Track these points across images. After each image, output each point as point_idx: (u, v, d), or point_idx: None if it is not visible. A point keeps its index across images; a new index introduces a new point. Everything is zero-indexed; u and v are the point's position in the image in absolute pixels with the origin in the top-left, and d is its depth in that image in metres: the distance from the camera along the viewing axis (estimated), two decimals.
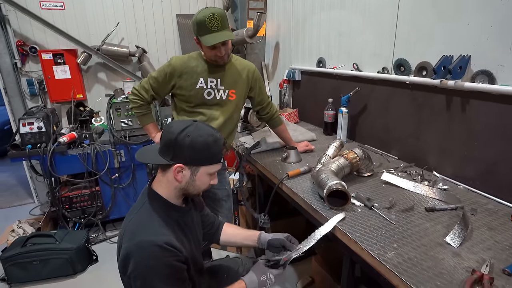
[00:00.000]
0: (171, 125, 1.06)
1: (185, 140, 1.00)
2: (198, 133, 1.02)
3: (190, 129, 1.02)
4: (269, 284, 1.16)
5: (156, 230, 1.00)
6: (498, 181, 1.40)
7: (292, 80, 2.98)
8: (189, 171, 1.04)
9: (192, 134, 1.01)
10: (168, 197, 1.09)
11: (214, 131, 1.08)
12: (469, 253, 1.05)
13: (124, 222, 1.10)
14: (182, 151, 1.01)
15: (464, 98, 1.49)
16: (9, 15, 3.02)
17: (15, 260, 2.24)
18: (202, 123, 1.08)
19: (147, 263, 0.95)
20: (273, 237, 1.31)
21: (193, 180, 1.06)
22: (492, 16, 1.34)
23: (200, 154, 1.03)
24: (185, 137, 1.00)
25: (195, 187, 1.09)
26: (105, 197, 2.81)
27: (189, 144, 1.01)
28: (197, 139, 1.01)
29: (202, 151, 1.03)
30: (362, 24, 2.09)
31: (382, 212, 1.29)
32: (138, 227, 1.01)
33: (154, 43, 3.61)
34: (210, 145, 1.04)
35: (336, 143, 1.77)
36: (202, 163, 1.05)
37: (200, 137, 1.02)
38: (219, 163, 1.10)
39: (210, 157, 1.06)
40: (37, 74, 3.24)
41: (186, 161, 1.03)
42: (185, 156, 1.02)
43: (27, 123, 2.49)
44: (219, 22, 1.52)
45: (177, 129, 1.02)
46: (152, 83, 1.72)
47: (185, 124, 1.04)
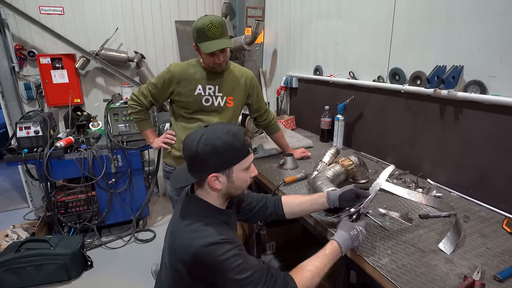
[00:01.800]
0: (186, 142, 1.03)
1: (205, 150, 0.98)
2: (214, 137, 0.99)
3: (205, 137, 0.99)
4: (362, 237, 1.11)
5: (209, 232, 0.98)
6: (490, 189, 1.42)
7: (289, 87, 3.02)
8: (224, 176, 1.02)
9: (209, 140, 0.98)
10: (214, 203, 1.08)
11: (229, 126, 1.05)
12: (462, 260, 1.07)
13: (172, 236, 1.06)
14: (208, 161, 0.99)
15: (457, 107, 1.53)
16: (8, 19, 3.04)
17: (8, 266, 2.21)
18: (213, 125, 1.06)
19: (217, 262, 0.93)
20: (343, 191, 1.24)
21: (232, 183, 1.04)
22: (483, 29, 1.38)
23: (226, 155, 1.00)
24: (204, 147, 0.98)
25: (237, 188, 1.07)
26: (101, 202, 2.80)
27: (211, 151, 0.98)
28: (216, 143, 0.98)
29: (227, 151, 1.00)
30: (358, 34, 2.13)
31: (377, 219, 1.31)
32: (191, 236, 0.98)
33: (152, 48, 3.64)
34: (231, 142, 1.00)
35: (332, 150, 1.80)
36: (233, 163, 1.02)
37: (218, 140, 0.98)
38: (249, 154, 1.06)
39: (237, 154, 1.02)
40: (35, 78, 3.25)
41: (217, 168, 1.00)
42: (213, 164, 1.00)
43: (24, 127, 2.48)
44: (218, 29, 1.55)
45: (193, 142, 1.00)
46: (151, 89, 1.73)
47: (198, 134, 1.01)
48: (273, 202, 1.34)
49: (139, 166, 2.83)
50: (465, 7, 1.45)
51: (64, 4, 3.20)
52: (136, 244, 2.81)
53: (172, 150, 1.79)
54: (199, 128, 1.05)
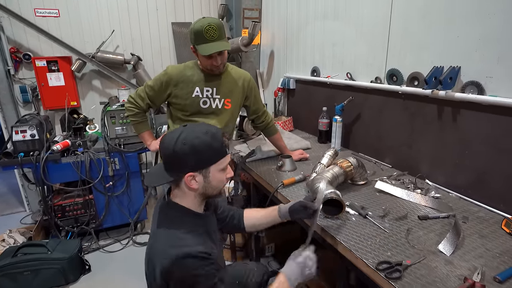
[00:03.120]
0: (163, 140, 1.04)
1: (183, 149, 0.98)
2: (193, 136, 0.99)
3: (183, 135, 0.99)
4: (311, 262, 1.12)
5: (188, 241, 0.98)
6: (489, 190, 1.43)
7: (286, 89, 3.02)
8: (200, 176, 1.02)
9: (187, 139, 0.98)
10: (190, 207, 1.07)
11: (208, 126, 1.05)
12: (461, 261, 1.07)
13: (151, 241, 1.06)
14: (185, 160, 0.99)
15: (454, 108, 1.53)
16: (2, 22, 3.02)
17: (5, 271, 2.19)
18: (192, 125, 1.06)
19: (190, 275, 0.94)
20: (292, 204, 1.26)
21: (208, 183, 1.04)
22: (480, 29, 1.39)
23: (203, 155, 1.00)
24: (182, 146, 0.98)
25: (213, 188, 1.07)
26: (98, 205, 2.78)
27: (189, 150, 0.98)
28: (194, 142, 0.98)
29: (204, 151, 0.99)
30: (355, 35, 2.13)
31: (376, 221, 1.31)
32: (170, 242, 0.98)
33: (149, 51, 3.63)
34: (209, 142, 1.00)
35: (331, 152, 1.79)
36: (210, 162, 1.02)
37: (196, 139, 0.99)
38: (226, 155, 1.06)
39: (214, 154, 1.02)
40: (31, 81, 3.23)
41: (193, 168, 1.00)
42: (190, 163, 0.99)
43: (20, 131, 2.46)
44: (216, 32, 1.54)
45: (171, 140, 1.00)
46: (148, 91, 1.73)
47: (177, 133, 1.01)
48: (238, 215, 1.38)
49: (136, 169, 2.81)
50: (462, 8, 1.45)
51: (59, 6, 3.18)
52: (134, 247, 2.79)
53: None
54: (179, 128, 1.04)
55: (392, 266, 1.03)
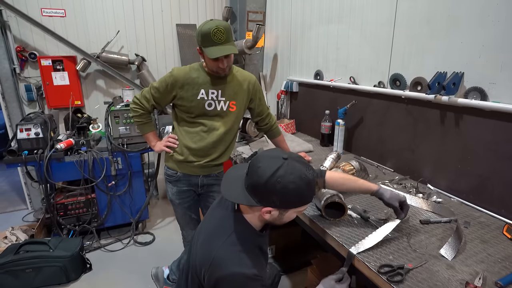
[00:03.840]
0: (259, 165, 0.99)
1: (276, 186, 0.95)
2: (290, 179, 0.95)
3: (280, 173, 0.95)
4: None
5: (246, 261, 1.00)
6: (491, 195, 1.43)
7: (289, 92, 3.03)
8: (277, 212, 1.01)
9: (283, 180, 0.95)
10: (254, 225, 1.09)
11: (307, 171, 1.00)
12: (463, 266, 1.07)
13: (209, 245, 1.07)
14: (271, 197, 0.97)
15: (457, 113, 1.54)
16: (9, 21, 3.05)
17: (7, 268, 2.20)
18: (293, 161, 1.00)
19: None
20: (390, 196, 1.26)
21: (280, 219, 1.05)
22: (483, 36, 1.40)
23: (290, 199, 0.98)
24: (275, 183, 0.94)
25: (282, 221, 1.08)
26: (100, 204, 2.79)
27: (280, 190, 0.95)
28: (289, 186, 0.95)
29: (294, 196, 0.98)
30: (359, 39, 2.15)
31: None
32: (229, 258, 1.01)
33: (153, 51, 3.65)
34: (302, 190, 0.98)
35: (333, 155, 1.80)
36: (292, 207, 1.02)
37: (291, 184, 0.95)
38: (310, 202, 1.06)
39: (300, 201, 1.02)
40: (36, 80, 3.25)
41: (276, 206, 0.99)
42: (275, 201, 0.98)
43: (25, 129, 2.48)
44: (223, 35, 1.55)
45: (267, 172, 0.96)
46: (153, 93, 1.74)
47: (276, 165, 0.96)
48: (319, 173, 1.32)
49: (139, 168, 2.83)
50: (466, 14, 1.46)
51: (66, 6, 3.21)
52: (135, 247, 2.80)
53: (174, 154, 1.79)
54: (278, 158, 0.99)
55: (394, 270, 1.04)
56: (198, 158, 1.76)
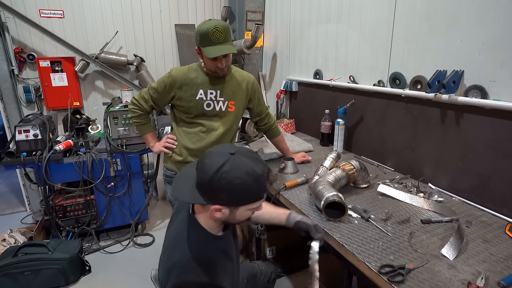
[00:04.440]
0: (205, 161, 0.94)
1: (221, 183, 0.89)
2: (234, 174, 0.89)
3: (225, 168, 0.89)
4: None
5: (197, 270, 0.96)
6: (492, 194, 1.42)
7: (289, 91, 3.02)
8: (227, 210, 0.96)
9: (228, 175, 0.89)
10: (210, 228, 1.04)
11: (255, 166, 0.93)
12: (465, 266, 1.06)
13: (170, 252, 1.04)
14: (218, 194, 0.92)
15: (458, 112, 1.53)
16: (8, 23, 3.04)
17: (5, 271, 2.18)
18: (240, 156, 0.93)
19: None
20: (301, 220, 1.26)
21: (233, 217, 0.99)
22: (483, 34, 1.39)
23: (238, 196, 0.93)
24: (220, 180, 0.89)
25: (236, 220, 1.02)
26: (99, 206, 2.78)
27: (226, 186, 0.90)
28: (234, 182, 0.89)
29: (241, 192, 0.92)
30: (358, 38, 2.14)
31: (379, 224, 1.30)
32: (185, 264, 0.97)
33: (152, 52, 3.64)
34: (249, 186, 0.92)
35: (333, 155, 1.79)
36: (241, 204, 0.96)
37: (237, 179, 0.89)
38: (262, 199, 0.99)
39: (249, 197, 0.96)
40: (34, 81, 3.24)
41: (224, 203, 0.94)
42: (222, 199, 0.93)
43: (23, 131, 2.47)
44: (222, 35, 1.54)
45: (212, 167, 0.90)
46: (152, 93, 1.73)
47: (221, 160, 0.91)
48: None
49: (138, 169, 2.81)
50: (465, 12, 1.45)
51: (64, 7, 3.20)
52: (134, 248, 2.79)
53: (173, 155, 1.78)
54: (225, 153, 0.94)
55: (395, 270, 1.03)
56: (197, 158, 1.75)
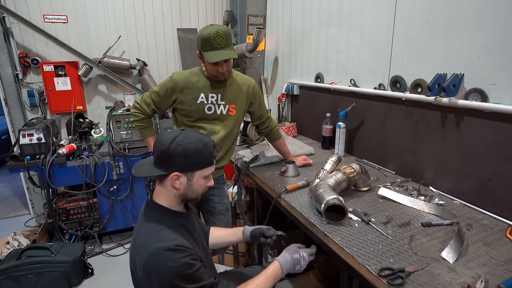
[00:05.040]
0: (160, 138, 1.11)
1: (176, 149, 1.06)
2: (187, 141, 1.08)
3: (179, 138, 1.08)
4: (304, 263, 1.21)
5: (166, 236, 1.04)
6: (493, 197, 1.42)
7: (290, 94, 3.03)
8: (185, 178, 1.10)
9: (182, 142, 1.07)
10: (170, 206, 1.14)
11: (203, 136, 1.14)
12: (465, 269, 1.06)
13: (133, 239, 1.13)
14: (175, 160, 1.07)
15: (458, 115, 1.53)
16: (12, 28, 3.08)
17: (9, 273, 2.20)
18: (190, 131, 1.14)
19: (168, 267, 0.98)
20: (254, 228, 1.39)
21: (190, 186, 1.12)
22: (483, 37, 1.40)
23: (193, 159, 1.09)
24: (176, 146, 1.06)
25: (193, 191, 1.14)
26: (102, 209, 2.80)
27: (181, 152, 1.06)
28: (188, 146, 1.07)
29: (194, 156, 1.09)
30: (359, 42, 2.15)
31: (379, 227, 1.30)
32: (148, 238, 1.04)
33: (154, 56, 3.67)
34: (200, 150, 1.09)
35: (334, 158, 1.80)
36: (196, 167, 1.11)
37: (190, 144, 1.07)
38: (212, 165, 1.15)
39: (202, 161, 1.12)
40: (38, 86, 3.27)
41: (181, 169, 1.08)
42: (180, 164, 1.07)
43: (27, 134, 2.50)
44: (223, 40, 1.56)
45: (168, 139, 1.07)
46: (154, 97, 1.75)
47: (174, 134, 1.10)
48: (207, 231, 1.47)
49: None
50: (465, 16, 1.46)
51: (67, 12, 3.24)
52: None
53: None
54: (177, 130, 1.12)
55: (395, 273, 1.03)
56: None
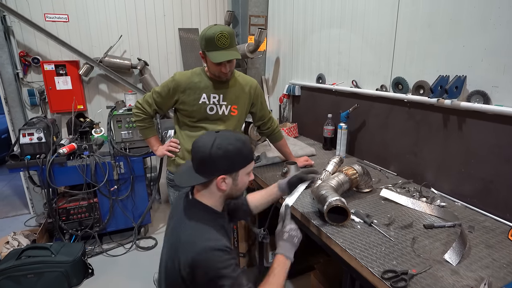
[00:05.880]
0: (198, 144, 1.11)
1: (218, 153, 1.07)
2: (227, 142, 1.09)
3: (218, 141, 1.08)
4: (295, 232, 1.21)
5: (213, 236, 1.06)
6: (495, 199, 1.42)
7: (292, 95, 3.03)
8: (230, 179, 1.12)
9: (222, 145, 1.08)
10: (214, 206, 1.16)
11: (238, 135, 1.15)
12: (468, 271, 1.06)
13: (173, 236, 1.12)
14: (219, 163, 1.08)
15: (460, 117, 1.53)
16: (13, 27, 3.07)
17: (9, 273, 2.20)
18: (224, 131, 1.15)
19: (216, 267, 0.99)
20: (289, 178, 1.39)
21: (235, 185, 1.14)
22: (485, 39, 1.40)
23: (235, 160, 1.10)
24: (217, 150, 1.07)
25: (238, 190, 1.17)
26: (103, 209, 2.79)
27: (223, 154, 1.07)
28: (228, 148, 1.08)
29: (236, 156, 1.10)
30: (361, 43, 2.15)
31: (382, 229, 1.30)
32: (195, 237, 1.05)
33: (156, 56, 3.67)
34: (241, 149, 1.11)
35: (336, 159, 1.80)
36: (240, 167, 1.13)
37: (230, 145, 1.08)
38: (252, 160, 1.18)
39: (244, 160, 1.14)
40: (39, 85, 3.27)
41: (226, 171, 1.10)
42: (223, 167, 1.09)
43: (27, 134, 2.49)
44: (227, 40, 1.56)
45: (206, 145, 1.08)
46: (156, 97, 1.74)
47: (211, 138, 1.10)
48: (243, 200, 1.46)
49: (141, 173, 2.83)
50: (467, 18, 1.46)
51: (69, 11, 3.23)
52: (137, 251, 2.79)
53: (176, 158, 1.79)
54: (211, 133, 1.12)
55: (398, 275, 1.03)
56: None
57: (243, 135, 1.18)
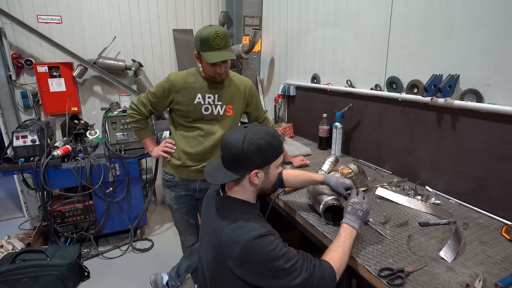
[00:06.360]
0: (229, 140, 1.09)
1: (250, 148, 1.06)
2: (258, 137, 1.08)
3: (249, 136, 1.07)
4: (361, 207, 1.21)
5: (253, 226, 1.05)
6: (489, 196, 1.44)
7: (287, 95, 3.04)
8: (262, 173, 1.12)
9: (253, 140, 1.07)
10: (246, 199, 1.17)
11: (267, 127, 1.15)
12: (463, 268, 1.07)
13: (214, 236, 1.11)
14: (252, 158, 1.07)
15: (454, 115, 1.55)
16: (5, 28, 3.04)
17: (3, 278, 2.17)
18: (252, 125, 1.15)
19: (265, 251, 1.00)
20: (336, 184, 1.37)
21: (267, 178, 1.14)
22: (478, 38, 1.42)
23: (267, 154, 1.10)
24: (249, 146, 1.06)
25: (270, 183, 1.17)
26: (98, 211, 2.77)
27: (256, 149, 1.07)
28: (260, 142, 1.07)
29: (268, 150, 1.10)
30: (355, 43, 2.16)
31: (378, 227, 1.31)
32: (237, 231, 1.05)
33: (150, 57, 3.66)
34: (271, 142, 1.10)
35: (332, 159, 1.81)
36: (272, 160, 1.13)
37: (261, 140, 1.08)
38: (282, 152, 1.18)
39: (276, 153, 1.13)
40: (32, 87, 3.24)
41: (259, 165, 1.10)
42: (256, 161, 1.08)
43: (21, 136, 2.46)
44: (222, 41, 1.56)
45: (238, 141, 1.07)
46: (151, 98, 1.74)
47: (241, 133, 1.09)
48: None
49: (137, 174, 2.81)
50: (460, 17, 1.48)
51: (62, 13, 3.21)
52: (133, 253, 2.78)
53: (172, 159, 1.78)
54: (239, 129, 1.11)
55: (394, 273, 1.04)
56: (195, 162, 1.76)
57: (271, 127, 1.17)
